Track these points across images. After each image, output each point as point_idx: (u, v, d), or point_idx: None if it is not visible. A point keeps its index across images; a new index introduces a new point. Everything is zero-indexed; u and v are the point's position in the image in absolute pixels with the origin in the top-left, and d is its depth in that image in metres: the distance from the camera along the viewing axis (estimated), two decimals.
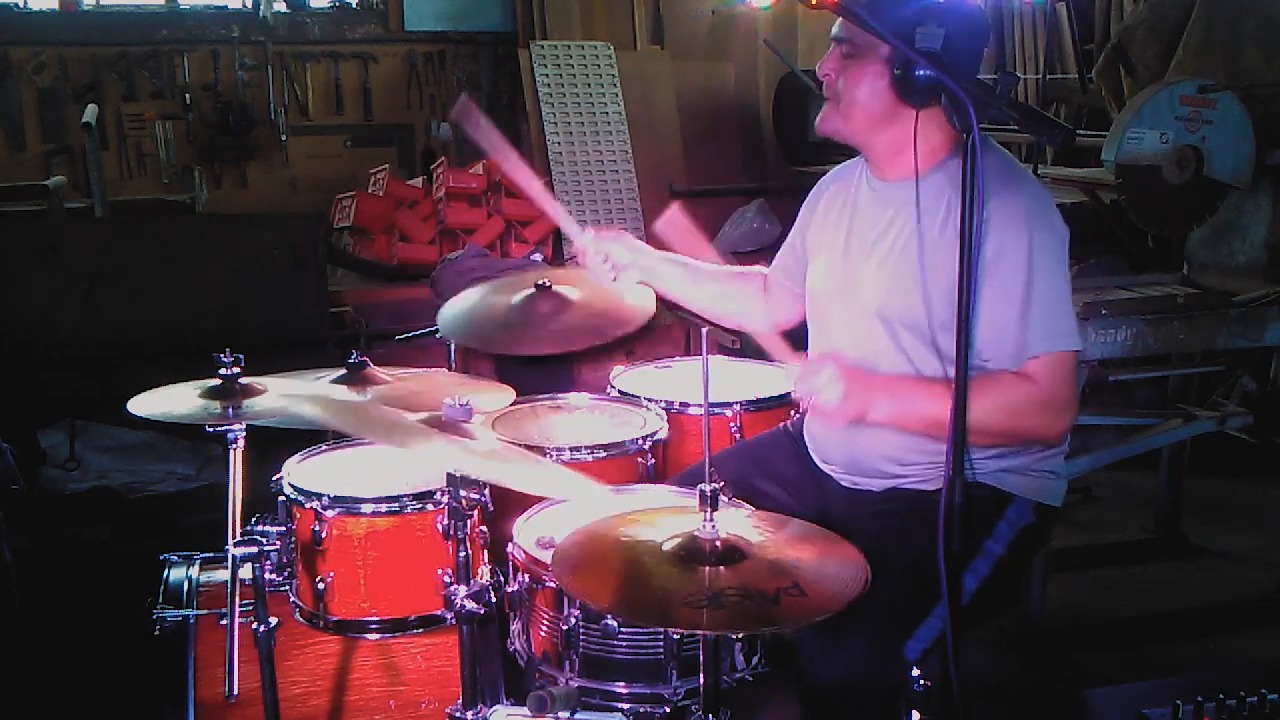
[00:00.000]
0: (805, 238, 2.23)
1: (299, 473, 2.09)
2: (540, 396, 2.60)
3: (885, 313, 1.96)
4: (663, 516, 1.69)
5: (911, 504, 1.97)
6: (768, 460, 2.23)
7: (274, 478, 2.05)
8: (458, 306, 2.35)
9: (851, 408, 1.86)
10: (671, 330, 3.97)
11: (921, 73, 1.72)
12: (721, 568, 1.50)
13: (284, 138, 6.10)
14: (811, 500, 2.12)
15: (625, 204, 5.83)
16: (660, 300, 2.37)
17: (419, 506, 1.96)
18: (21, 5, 5.86)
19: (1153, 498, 3.87)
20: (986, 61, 4.38)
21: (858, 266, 2.03)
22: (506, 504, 2.04)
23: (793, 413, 2.42)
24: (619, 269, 2.27)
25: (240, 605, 1.84)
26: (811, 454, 2.17)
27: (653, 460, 2.33)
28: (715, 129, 6.30)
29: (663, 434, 2.37)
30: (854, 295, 2.03)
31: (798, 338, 2.16)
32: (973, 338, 1.89)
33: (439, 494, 1.91)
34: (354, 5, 6.30)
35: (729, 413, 2.46)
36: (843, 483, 2.10)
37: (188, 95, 5.97)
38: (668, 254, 2.36)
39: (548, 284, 2.28)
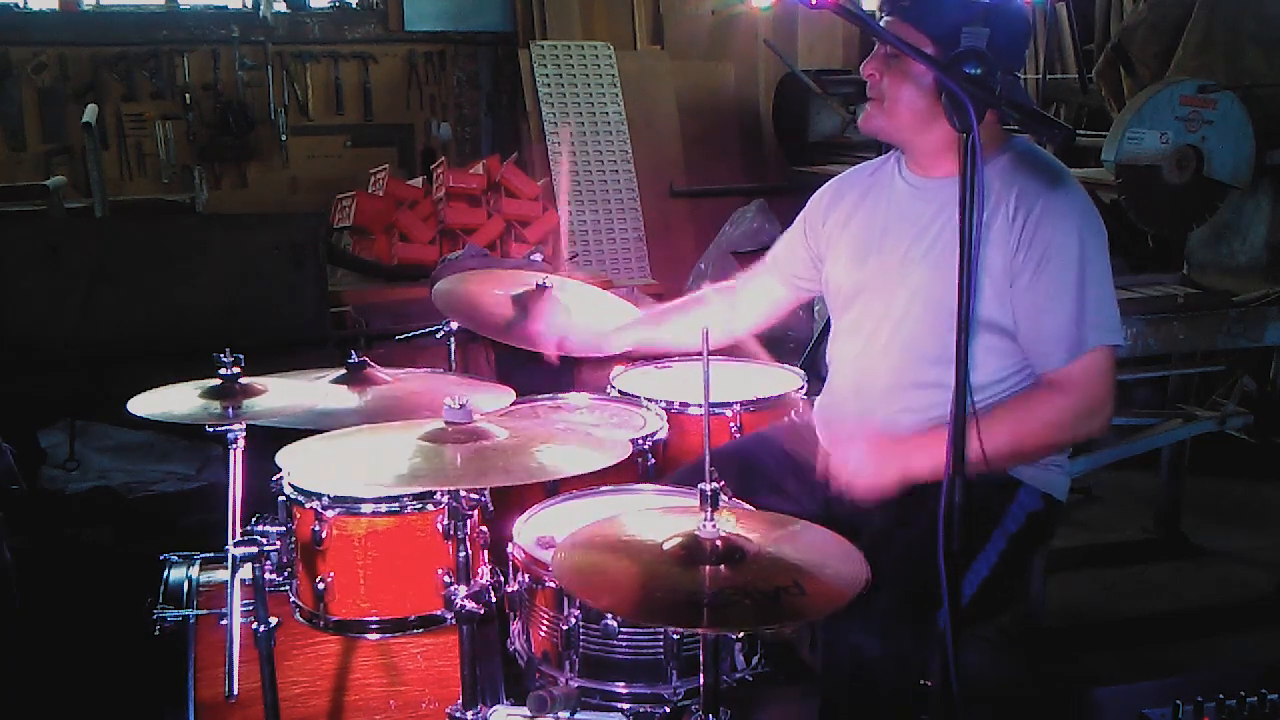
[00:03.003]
0: (819, 235, 2.23)
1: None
2: (540, 396, 2.60)
3: (930, 307, 1.96)
4: (663, 516, 1.69)
5: (920, 490, 1.96)
6: (771, 452, 2.23)
7: (274, 478, 2.05)
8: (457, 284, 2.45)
9: (891, 475, 1.89)
10: None
11: (969, 70, 1.65)
12: (721, 567, 1.49)
13: (284, 138, 6.10)
14: (819, 490, 2.10)
15: (625, 204, 5.83)
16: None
17: (419, 506, 1.95)
18: (21, 5, 5.85)
19: (1153, 498, 3.87)
20: None
21: (896, 262, 2.03)
22: (507, 504, 2.04)
23: (792, 411, 2.42)
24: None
25: (240, 605, 1.84)
26: (824, 443, 2.17)
27: (653, 460, 2.33)
28: (715, 129, 6.29)
29: (663, 434, 2.37)
30: (891, 290, 2.03)
31: (801, 342, 2.16)
32: (1019, 334, 1.93)
33: (439, 494, 1.91)
34: (354, 5, 6.29)
35: (729, 413, 2.46)
36: None
37: (188, 95, 5.96)
38: (623, 323, 2.52)
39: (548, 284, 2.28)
